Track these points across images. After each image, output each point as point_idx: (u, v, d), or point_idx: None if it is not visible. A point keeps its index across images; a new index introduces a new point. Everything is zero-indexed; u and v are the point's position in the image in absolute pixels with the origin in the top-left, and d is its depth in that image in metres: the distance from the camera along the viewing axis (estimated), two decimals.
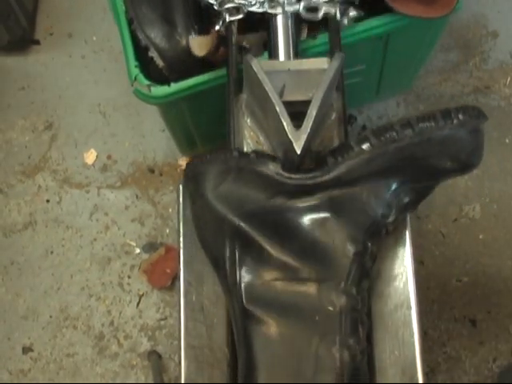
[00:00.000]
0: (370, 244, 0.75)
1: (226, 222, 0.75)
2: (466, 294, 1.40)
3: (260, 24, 1.11)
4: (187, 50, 1.03)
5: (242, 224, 0.74)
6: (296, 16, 0.93)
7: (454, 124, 0.72)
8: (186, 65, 1.04)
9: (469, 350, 1.36)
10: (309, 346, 0.72)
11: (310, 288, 0.74)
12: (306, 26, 1.20)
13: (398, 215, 0.76)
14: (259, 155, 0.74)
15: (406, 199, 0.76)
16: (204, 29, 1.04)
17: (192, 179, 0.78)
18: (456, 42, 1.61)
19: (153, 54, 1.05)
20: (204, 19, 1.05)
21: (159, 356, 1.36)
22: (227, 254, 0.75)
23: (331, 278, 0.73)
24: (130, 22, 1.07)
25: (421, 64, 1.41)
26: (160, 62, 1.05)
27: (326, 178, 0.72)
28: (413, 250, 0.80)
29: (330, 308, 0.73)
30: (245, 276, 0.74)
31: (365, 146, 0.72)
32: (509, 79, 1.58)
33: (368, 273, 0.75)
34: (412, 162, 0.73)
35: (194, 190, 0.78)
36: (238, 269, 0.75)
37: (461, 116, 0.72)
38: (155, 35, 1.04)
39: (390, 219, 0.76)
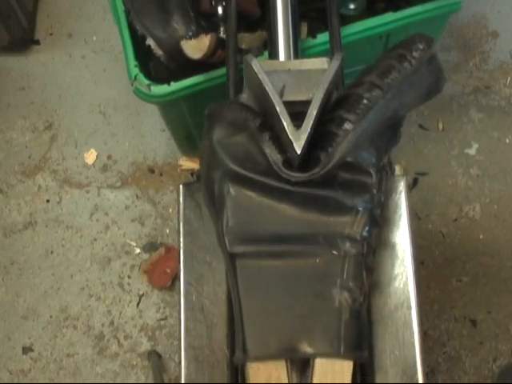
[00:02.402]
0: (375, 191, 0.75)
1: (224, 168, 0.75)
2: (466, 294, 1.40)
3: (260, 24, 1.12)
4: (183, 33, 1.03)
5: (242, 171, 0.74)
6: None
7: (414, 64, 0.73)
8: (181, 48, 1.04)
9: (469, 350, 1.36)
10: (306, 285, 0.73)
11: (311, 231, 0.74)
12: (305, 24, 1.20)
13: (388, 152, 0.78)
14: (272, 139, 0.73)
15: (388, 136, 0.78)
16: (200, 17, 1.04)
17: (209, 117, 0.78)
18: (456, 42, 1.61)
19: (150, 42, 1.04)
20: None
21: (159, 356, 1.36)
22: (216, 193, 0.75)
23: (336, 224, 0.74)
24: (127, 13, 1.07)
25: None
26: (158, 51, 1.05)
27: (324, 171, 0.72)
28: (413, 250, 0.80)
29: (335, 252, 0.73)
30: (236, 216, 0.74)
31: (347, 127, 0.71)
32: (509, 79, 1.58)
33: (376, 220, 0.75)
34: (390, 113, 0.75)
35: (207, 127, 0.78)
36: (227, 210, 0.74)
37: (415, 54, 0.73)
38: (152, 24, 1.04)
39: (385, 160, 0.77)
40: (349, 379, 0.71)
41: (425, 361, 0.76)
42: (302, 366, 0.74)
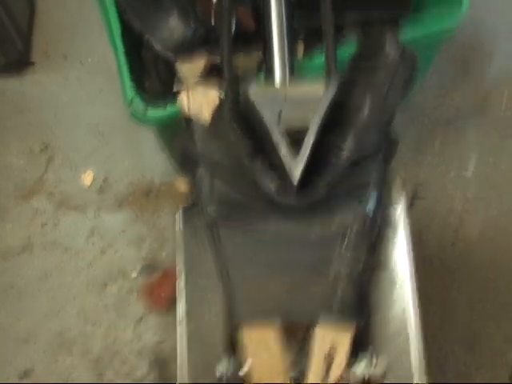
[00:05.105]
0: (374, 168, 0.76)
1: (204, 164, 0.76)
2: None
3: (254, 41, 1.11)
4: (183, 31, 1.03)
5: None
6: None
7: (392, 70, 0.74)
8: (184, 46, 1.05)
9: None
10: (301, 254, 0.74)
11: (310, 210, 0.74)
12: (302, 43, 1.20)
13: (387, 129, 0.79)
14: (265, 166, 0.73)
15: None
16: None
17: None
18: (452, 62, 1.60)
19: (150, 39, 1.04)
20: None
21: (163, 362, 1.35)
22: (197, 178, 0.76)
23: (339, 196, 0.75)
24: (122, 13, 1.07)
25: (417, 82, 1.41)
26: (157, 46, 1.05)
27: (318, 196, 0.72)
28: (413, 274, 0.79)
29: (335, 227, 0.74)
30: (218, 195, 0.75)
31: (345, 155, 0.72)
32: (505, 97, 1.57)
33: (380, 197, 0.76)
34: (382, 123, 0.76)
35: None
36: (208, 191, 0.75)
37: (389, 60, 0.74)
38: (149, 22, 1.05)
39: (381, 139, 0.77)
40: (347, 348, 0.72)
41: None
42: (298, 334, 0.75)
